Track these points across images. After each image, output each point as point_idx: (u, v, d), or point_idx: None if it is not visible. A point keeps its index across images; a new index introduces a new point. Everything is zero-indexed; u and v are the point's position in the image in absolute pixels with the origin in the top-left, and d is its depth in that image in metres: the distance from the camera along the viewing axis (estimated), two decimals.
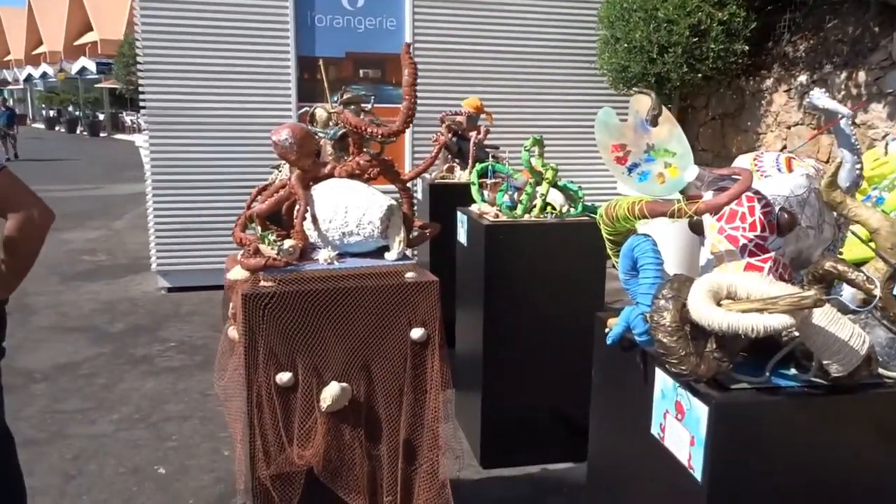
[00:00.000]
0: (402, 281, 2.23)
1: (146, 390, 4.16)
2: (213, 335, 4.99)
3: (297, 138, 2.26)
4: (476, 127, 4.87)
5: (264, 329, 2.11)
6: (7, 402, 3.90)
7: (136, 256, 7.37)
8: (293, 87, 5.95)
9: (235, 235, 2.30)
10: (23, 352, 4.71)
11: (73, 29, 33.76)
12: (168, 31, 5.71)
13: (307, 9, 5.95)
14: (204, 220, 5.98)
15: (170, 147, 5.88)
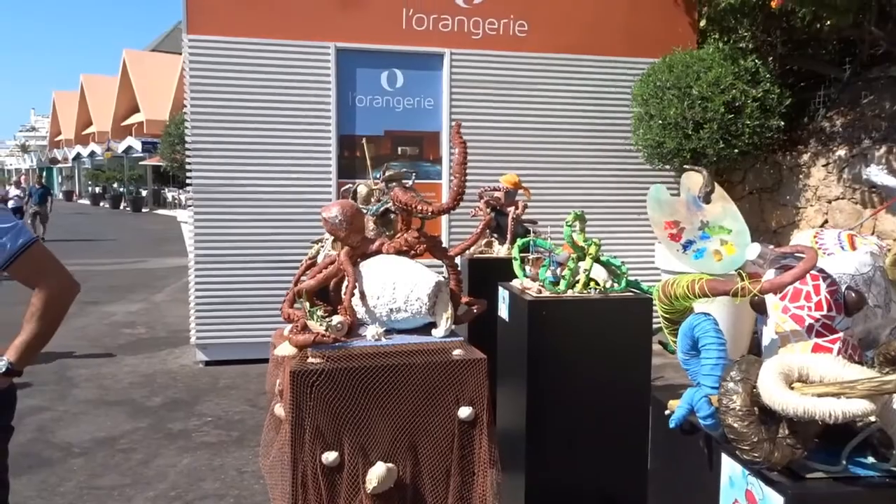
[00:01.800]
0: (450, 358, 2.20)
1: (182, 467, 4.12)
2: (250, 410, 4.96)
3: (348, 215, 2.30)
4: (514, 202, 4.91)
5: (311, 406, 2.09)
6: (45, 477, 3.91)
7: (175, 329, 7.44)
8: (334, 165, 6.10)
9: (284, 311, 2.31)
10: (62, 425, 4.72)
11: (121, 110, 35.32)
12: (215, 112, 5.93)
13: (349, 90, 6.16)
14: (243, 294, 6.04)
15: (213, 222, 6.01)
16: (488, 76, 6.35)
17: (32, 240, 2.09)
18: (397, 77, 6.23)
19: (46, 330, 2.11)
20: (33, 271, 2.08)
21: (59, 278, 2.10)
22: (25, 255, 2.06)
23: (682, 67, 5.83)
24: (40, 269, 2.08)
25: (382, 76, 6.21)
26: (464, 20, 6.28)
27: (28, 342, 2.08)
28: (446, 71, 6.25)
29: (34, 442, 4.41)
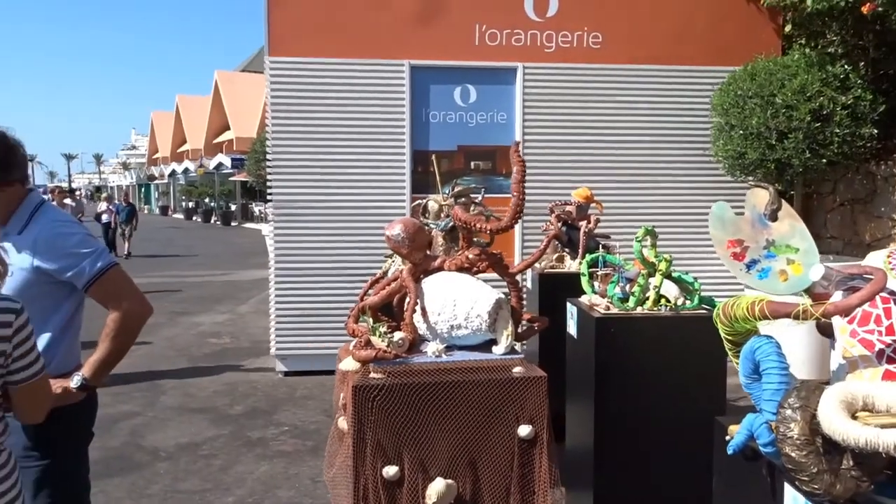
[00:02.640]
0: (510, 376, 2.20)
1: (260, 474, 4.26)
2: (325, 420, 5.08)
3: (410, 233, 2.34)
4: (586, 216, 4.86)
5: (373, 421, 2.14)
6: (134, 479, 4.12)
7: (257, 340, 7.72)
8: (407, 180, 6.20)
9: (349, 326, 2.37)
10: (150, 430, 4.98)
11: (213, 128, 37.08)
12: (294, 130, 6.15)
13: (422, 106, 6.25)
14: (321, 307, 6.21)
15: (292, 236, 6.22)
16: (561, 89, 6.32)
17: (111, 264, 2.23)
18: (470, 92, 6.28)
19: (119, 349, 2.24)
20: (110, 294, 2.22)
21: (133, 302, 2.24)
22: (103, 279, 2.20)
23: (765, 75, 5.62)
24: (116, 292, 2.22)
25: (455, 92, 6.28)
26: (537, 34, 6.27)
27: (102, 360, 2.22)
28: (519, 85, 6.26)
29: (126, 446, 4.66)
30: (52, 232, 2.21)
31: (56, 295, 2.23)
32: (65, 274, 2.18)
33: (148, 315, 2.32)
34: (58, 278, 2.19)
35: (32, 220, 2.24)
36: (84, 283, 2.20)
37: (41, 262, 2.16)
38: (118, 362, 2.34)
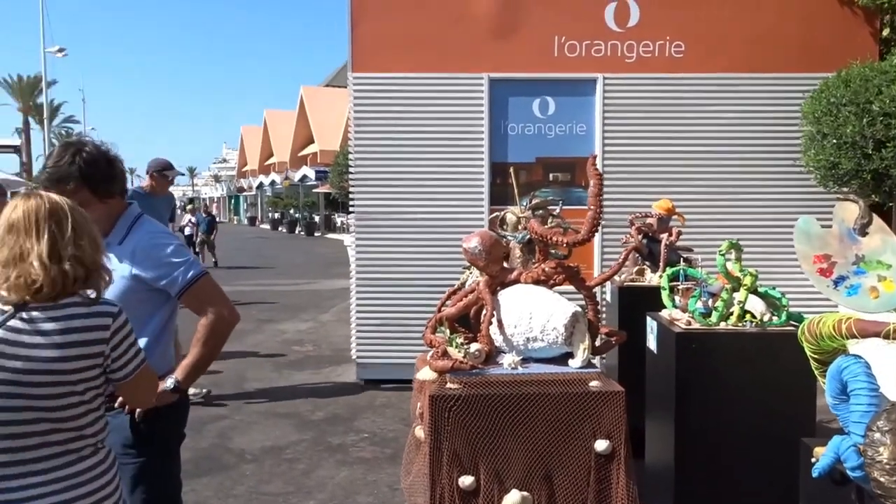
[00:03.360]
0: (587, 389, 2.19)
1: (340, 479, 4.37)
2: (403, 429, 5.15)
3: (487, 246, 2.37)
4: (667, 229, 4.76)
5: (449, 431, 2.17)
6: (221, 480, 4.30)
7: (338, 348, 7.91)
8: (486, 192, 6.24)
9: (426, 337, 2.42)
10: (237, 432, 5.19)
11: (298, 142, 38.36)
12: (376, 143, 6.31)
13: (501, 119, 6.29)
14: (401, 317, 6.31)
15: (373, 247, 6.37)
16: (642, 99, 6.23)
17: (202, 273, 2.37)
18: (549, 104, 6.28)
19: (209, 354, 2.38)
20: (201, 301, 2.36)
21: (221, 309, 2.37)
22: (195, 287, 2.34)
23: (860, 81, 5.36)
24: (206, 299, 2.36)
25: (534, 104, 6.28)
26: (617, 44, 6.21)
27: (193, 364, 2.35)
28: (599, 96, 6.21)
29: (214, 447, 4.88)
30: (149, 242, 2.36)
31: (153, 302, 2.38)
32: (160, 282, 2.33)
33: (235, 322, 2.44)
34: (154, 286, 2.34)
35: (132, 231, 2.40)
36: (177, 290, 2.34)
37: (139, 271, 2.31)
38: (208, 366, 2.47)
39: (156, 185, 5.69)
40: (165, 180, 5.74)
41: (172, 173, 5.78)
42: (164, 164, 5.67)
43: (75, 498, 1.74)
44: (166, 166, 5.68)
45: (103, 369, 1.80)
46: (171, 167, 5.71)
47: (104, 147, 2.33)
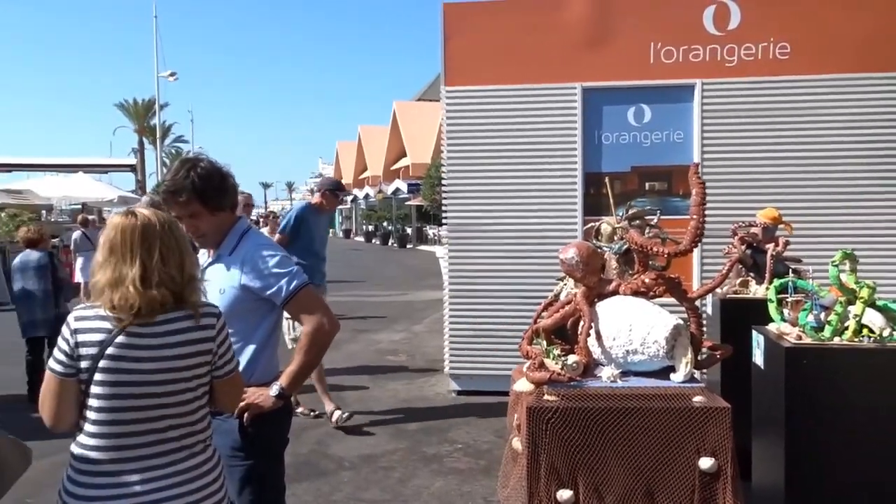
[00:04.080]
0: (690, 405, 2.12)
1: (435, 489, 4.40)
2: (497, 441, 5.14)
3: (584, 256, 2.34)
4: (773, 238, 4.55)
5: (547, 443, 2.15)
6: (319, 486, 4.42)
7: (431, 359, 7.99)
8: (579, 202, 6.17)
9: (522, 348, 2.42)
10: (335, 440, 5.32)
11: (391, 156, 39.15)
12: (468, 155, 6.36)
13: (594, 128, 6.21)
14: (494, 328, 6.31)
15: (466, 258, 6.41)
16: (744, 104, 5.99)
17: (305, 283, 2.46)
18: (644, 112, 6.14)
19: (311, 361, 2.46)
20: (303, 311, 2.45)
21: (322, 318, 2.45)
22: (298, 297, 2.43)
23: None
24: (308, 309, 2.44)
25: (629, 112, 6.16)
26: (717, 48, 6.01)
27: (297, 371, 2.44)
28: (697, 102, 6.02)
29: (313, 453, 5.02)
30: (257, 254, 2.47)
31: (260, 311, 2.49)
32: (266, 292, 2.43)
33: (335, 331, 2.51)
34: (260, 295, 2.44)
35: (240, 243, 2.52)
36: (282, 300, 2.44)
37: (247, 281, 2.43)
38: (310, 374, 2.55)
39: (325, 202, 5.89)
40: (336, 198, 5.98)
41: (343, 193, 6.08)
42: (336, 184, 6.00)
43: (190, 492, 1.85)
44: (339, 186, 6.01)
45: (211, 366, 1.94)
46: (343, 188, 6.00)
47: (218, 164, 2.46)
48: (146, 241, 1.87)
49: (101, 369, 1.79)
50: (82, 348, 1.80)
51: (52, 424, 1.87)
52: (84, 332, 1.81)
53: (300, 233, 5.74)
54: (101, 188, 20.67)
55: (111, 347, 1.79)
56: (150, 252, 1.86)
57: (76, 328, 1.82)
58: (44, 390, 1.85)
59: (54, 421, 1.86)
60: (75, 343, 1.80)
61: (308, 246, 5.75)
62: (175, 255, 1.90)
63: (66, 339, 1.82)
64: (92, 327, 1.82)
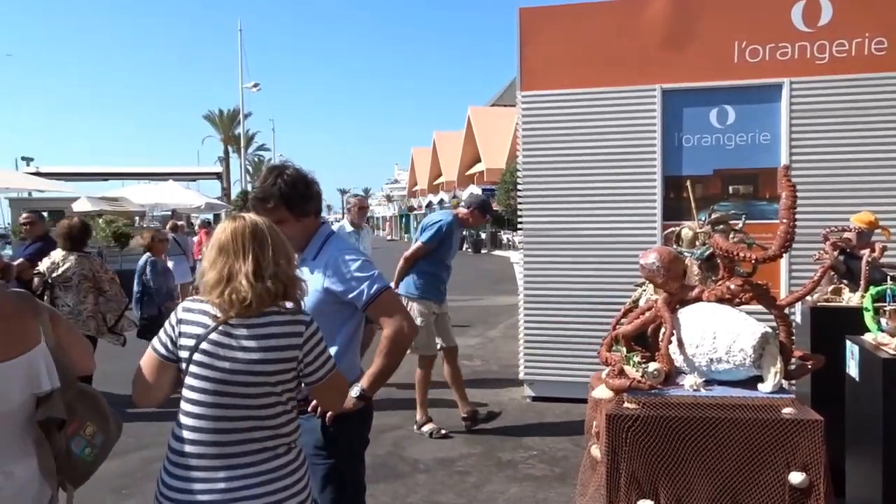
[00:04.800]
0: (779, 416, 2.04)
1: (510, 495, 4.38)
2: (573, 448, 5.08)
3: (665, 262, 2.29)
4: (869, 244, 4.32)
5: (627, 451, 2.11)
6: (396, 488, 4.48)
7: (506, 364, 7.96)
8: (658, 207, 6.03)
9: (601, 355, 2.38)
10: (411, 442, 5.37)
11: (465, 161, 39.32)
12: (544, 160, 6.32)
13: (675, 130, 6.06)
14: (570, 334, 6.24)
15: (542, 263, 6.36)
16: (837, 103, 5.71)
17: (385, 287, 2.50)
18: (728, 113, 5.95)
19: (391, 364, 2.50)
20: (384, 314, 2.49)
21: (402, 321, 2.48)
22: (379, 301, 2.48)
23: None
24: (388, 313, 2.48)
25: (711, 114, 5.98)
26: (806, 45, 5.77)
27: (378, 373, 2.48)
28: (785, 102, 5.78)
29: (389, 455, 5.09)
30: (339, 258, 2.53)
31: (342, 314, 2.55)
32: (348, 295, 2.49)
33: (414, 335, 2.55)
34: (342, 299, 2.50)
35: (324, 248, 2.59)
36: (363, 303, 2.49)
37: (329, 285, 2.49)
38: (391, 376, 2.59)
39: (472, 219, 5.80)
40: (483, 218, 5.93)
41: (491, 214, 6.08)
42: (487, 205, 5.93)
43: (273, 492, 1.91)
44: (489, 207, 5.93)
45: (297, 373, 1.99)
46: (492, 209, 6.01)
47: (304, 171, 2.54)
48: (257, 238, 1.96)
49: (195, 362, 1.88)
50: (182, 339, 1.91)
51: (139, 398, 1.97)
52: (186, 324, 1.91)
53: (442, 244, 5.63)
54: (190, 195, 21.65)
55: (205, 342, 1.87)
56: (263, 249, 1.95)
57: (181, 318, 1.93)
58: (143, 363, 1.96)
59: (142, 395, 1.96)
60: (178, 333, 1.91)
61: (444, 258, 5.71)
62: (279, 256, 1.97)
63: (172, 325, 1.93)
64: (194, 320, 1.92)
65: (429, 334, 5.59)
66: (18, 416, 1.89)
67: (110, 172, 28.51)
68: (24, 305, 1.98)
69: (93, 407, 2.04)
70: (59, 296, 6.01)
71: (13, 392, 1.88)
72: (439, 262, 5.64)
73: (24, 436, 1.90)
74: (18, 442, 1.89)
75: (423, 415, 5.65)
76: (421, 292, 5.57)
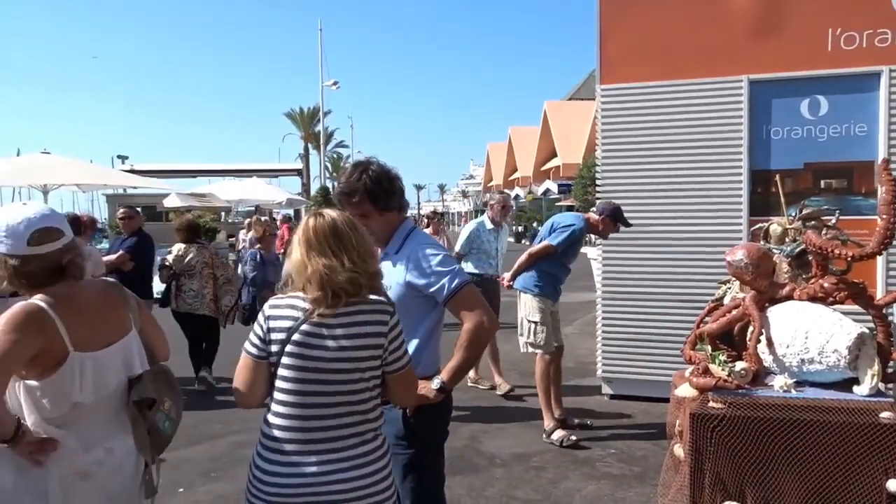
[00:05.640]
0: (877, 421, 1.95)
1: (587, 493, 4.35)
2: (652, 448, 4.99)
3: (754, 259, 2.23)
4: None
5: (712, 452, 2.07)
6: (472, 481, 4.51)
7: (583, 361, 7.88)
8: (744, 202, 5.82)
9: (685, 353, 2.34)
10: (488, 437, 5.40)
11: (541, 156, 38.95)
12: (624, 154, 6.21)
13: (763, 122, 5.83)
14: (649, 333, 6.12)
15: (621, 260, 6.26)
16: None
17: (466, 281, 2.52)
18: (820, 104, 5.68)
19: (471, 357, 2.52)
20: (464, 308, 2.51)
21: (482, 316, 2.50)
22: (459, 295, 2.50)
23: None
24: (469, 307, 2.51)
25: (802, 104, 5.73)
26: None
27: (457, 366, 2.51)
28: (884, 91, 5.48)
29: (466, 448, 5.13)
30: (421, 252, 2.57)
31: (424, 307, 2.59)
32: (429, 289, 2.53)
33: (494, 330, 2.56)
34: (423, 293, 2.54)
35: (406, 242, 2.64)
36: (444, 297, 2.52)
37: (411, 279, 2.54)
38: (470, 369, 2.63)
39: (603, 227, 5.50)
40: (614, 226, 5.52)
41: (624, 224, 5.55)
42: (619, 214, 5.48)
43: (362, 476, 1.98)
44: (621, 216, 5.49)
45: (381, 360, 2.06)
46: (624, 217, 5.51)
47: (388, 167, 2.60)
48: (336, 236, 2.03)
49: (287, 353, 1.96)
50: (273, 333, 1.99)
51: (242, 401, 2.07)
52: (275, 319, 2.00)
53: (569, 248, 5.47)
54: (272, 191, 22.35)
55: (297, 334, 1.95)
56: (341, 246, 2.01)
57: (269, 314, 2.01)
58: (239, 368, 2.06)
59: (245, 397, 2.06)
60: (268, 328, 2.00)
61: (567, 261, 5.59)
62: (361, 250, 2.04)
63: (261, 324, 2.02)
64: (283, 315, 2.00)
65: (548, 332, 5.48)
66: (116, 397, 2.05)
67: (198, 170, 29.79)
68: (116, 295, 2.14)
69: (169, 384, 2.20)
70: (185, 283, 6.78)
71: (112, 376, 2.03)
72: (561, 265, 5.54)
73: (121, 415, 2.05)
74: (116, 420, 2.05)
75: (551, 420, 5.38)
76: (540, 289, 5.49)
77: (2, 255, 1.95)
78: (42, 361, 1.90)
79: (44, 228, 1.98)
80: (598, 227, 5.54)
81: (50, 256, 1.99)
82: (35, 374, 1.91)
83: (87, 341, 1.97)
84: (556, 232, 5.46)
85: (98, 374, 1.99)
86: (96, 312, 2.04)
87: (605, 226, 5.52)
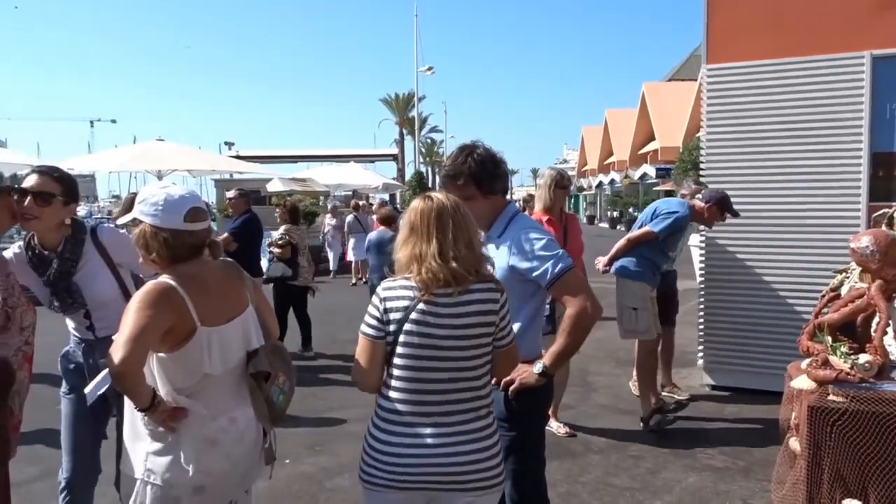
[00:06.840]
0: None
1: (687, 484, 4.25)
2: (758, 441, 4.80)
3: (882, 246, 2.11)
4: None
5: (831, 447, 1.98)
6: (569, 466, 4.51)
7: (683, 350, 7.60)
8: (864, 186, 5.47)
9: (802, 343, 2.24)
10: (581, 421, 5.36)
11: (638, 140, 37.88)
12: (731, 137, 5.95)
13: (886, 101, 5.44)
14: (754, 322, 5.89)
15: (724, 247, 6.04)
16: None
17: (569, 266, 2.51)
18: None
19: (574, 342, 2.52)
20: (567, 292, 2.51)
21: (586, 301, 2.48)
22: (563, 280, 2.50)
23: None
24: (572, 292, 2.50)
25: None
26: None
27: (560, 352, 2.51)
28: None
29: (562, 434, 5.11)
30: (524, 236, 2.57)
31: (526, 291, 2.60)
32: (532, 273, 2.53)
33: (598, 315, 2.54)
34: (526, 277, 2.55)
35: (509, 226, 2.65)
36: (547, 282, 2.52)
37: (514, 262, 2.55)
38: (573, 354, 2.62)
39: (708, 215, 5.32)
40: (721, 215, 5.34)
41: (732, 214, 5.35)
42: (727, 202, 5.30)
43: (476, 451, 2.04)
44: (729, 205, 5.31)
45: (493, 337, 2.11)
46: (732, 207, 5.33)
47: (493, 150, 2.62)
48: (441, 221, 2.07)
49: (405, 332, 2.03)
50: (390, 314, 2.06)
51: (363, 382, 2.15)
52: (391, 300, 2.07)
53: (671, 236, 5.27)
54: (369, 175, 22.84)
55: (414, 313, 2.02)
56: (445, 231, 2.06)
57: (385, 296, 2.09)
58: (358, 351, 2.15)
59: (366, 378, 2.14)
60: (384, 309, 2.07)
61: (668, 249, 5.37)
62: (466, 233, 2.08)
63: (377, 306, 2.10)
64: (398, 296, 2.07)
65: (648, 317, 5.23)
66: (238, 369, 2.17)
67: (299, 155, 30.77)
68: (234, 273, 2.28)
69: (283, 359, 2.30)
70: (298, 260, 7.65)
71: (235, 349, 2.16)
72: (661, 253, 5.31)
73: (241, 387, 2.18)
74: (238, 392, 2.18)
75: (649, 406, 5.25)
76: (639, 274, 5.23)
77: (155, 227, 2.10)
78: (173, 336, 2.04)
79: (197, 208, 2.14)
80: (703, 215, 5.33)
81: (200, 234, 2.15)
82: (167, 347, 2.05)
83: (212, 317, 2.10)
84: (658, 218, 5.27)
85: (223, 348, 2.12)
86: (218, 290, 2.17)
87: (710, 214, 5.32)
